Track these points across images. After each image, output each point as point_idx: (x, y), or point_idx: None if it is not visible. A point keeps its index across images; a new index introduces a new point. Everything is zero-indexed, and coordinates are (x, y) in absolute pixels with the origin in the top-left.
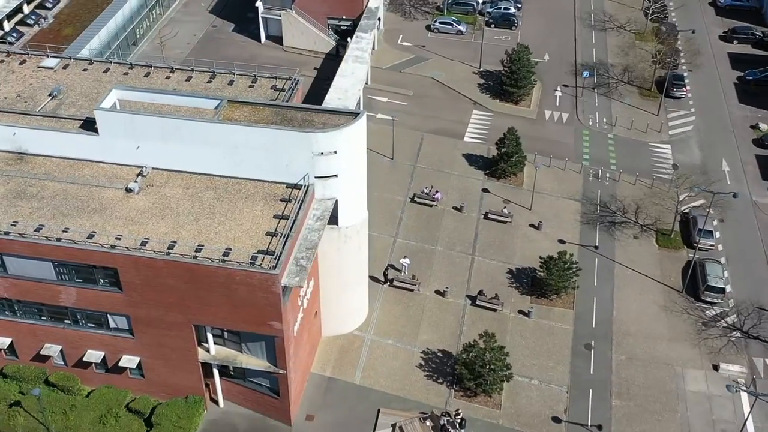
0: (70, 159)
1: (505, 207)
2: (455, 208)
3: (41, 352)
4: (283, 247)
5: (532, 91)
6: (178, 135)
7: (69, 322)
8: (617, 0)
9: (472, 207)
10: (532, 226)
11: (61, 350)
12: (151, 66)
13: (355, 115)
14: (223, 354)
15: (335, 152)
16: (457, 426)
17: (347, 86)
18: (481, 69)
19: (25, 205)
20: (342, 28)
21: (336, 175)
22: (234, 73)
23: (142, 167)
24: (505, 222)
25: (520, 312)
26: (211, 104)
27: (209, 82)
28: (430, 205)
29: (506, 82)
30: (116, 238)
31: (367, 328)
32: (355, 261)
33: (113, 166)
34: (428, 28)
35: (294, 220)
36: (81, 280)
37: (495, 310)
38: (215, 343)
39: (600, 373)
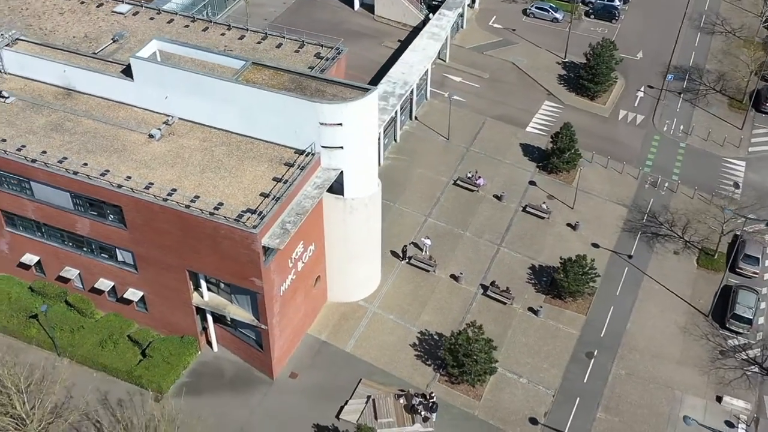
0: (110, 100)
1: (544, 202)
2: (496, 197)
3: (62, 274)
4: (271, 209)
5: (612, 89)
6: (201, 90)
7: (86, 250)
8: (736, 3)
9: (513, 197)
10: (569, 225)
11: (79, 274)
12: (210, 21)
13: (365, 90)
14: (215, 301)
15: (340, 124)
16: (428, 409)
17: (414, 61)
18: (565, 59)
19: (58, 138)
20: (434, 2)
21: (342, 147)
22: (284, 37)
23: (169, 116)
24: (542, 217)
25: (530, 309)
26: (237, 64)
27: (259, 42)
28: (472, 190)
29: (583, 77)
30: (125, 179)
31: (373, 300)
32: (363, 234)
33: (145, 111)
34: (524, 12)
35: (290, 185)
36: (94, 213)
37: (504, 303)
38: (209, 290)
39: (593, 384)
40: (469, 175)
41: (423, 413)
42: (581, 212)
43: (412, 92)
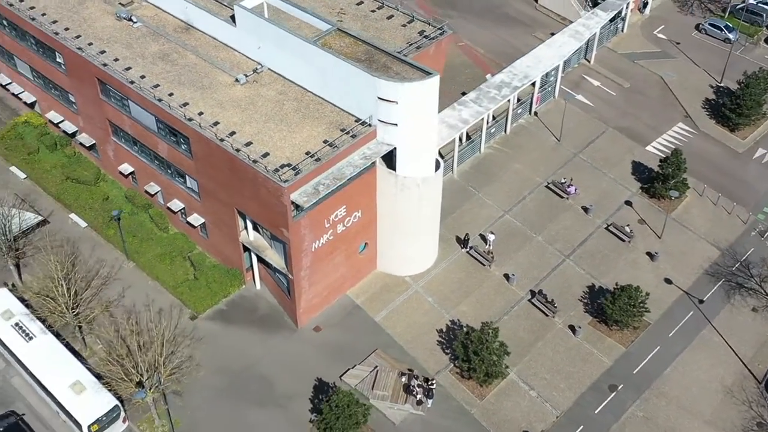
0: (217, 41)
1: (628, 224)
2: (583, 208)
3: (147, 189)
4: (307, 168)
5: (760, 124)
6: (285, 45)
7: (166, 171)
8: None
9: (601, 213)
10: (648, 254)
11: (161, 192)
12: None
13: (428, 74)
14: (258, 243)
15: (396, 102)
16: (425, 394)
17: (545, 57)
18: (720, 84)
19: (161, 66)
20: (600, 1)
21: (396, 124)
22: (397, 9)
23: (260, 65)
24: (623, 240)
25: (570, 327)
26: (325, 27)
27: (374, 11)
28: (561, 197)
29: (726, 105)
30: (198, 114)
31: (419, 279)
32: (413, 213)
33: (242, 57)
34: (697, 27)
35: (335, 150)
36: (172, 139)
37: (546, 315)
38: (255, 230)
39: (604, 416)
40: (563, 180)
41: (418, 396)
42: (667, 244)
43: (534, 87)
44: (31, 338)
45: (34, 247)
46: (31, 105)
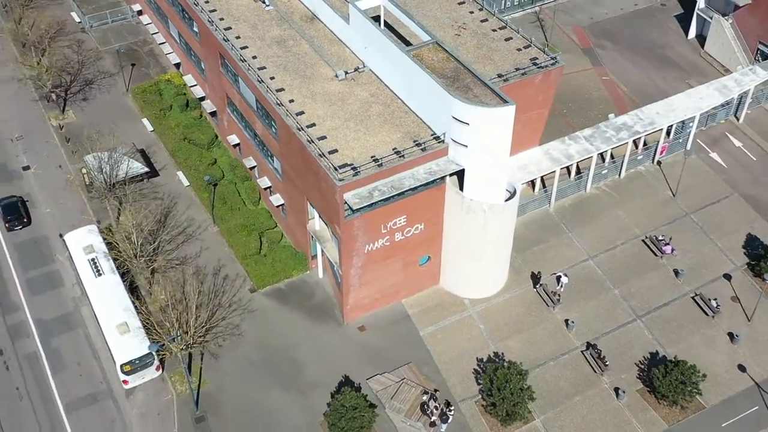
0: (334, 35)
1: (716, 298)
2: (675, 271)
3: (245, 161)
4: (366, 171)
5: None
6: (383, 50)
7: (262, 149)
8: None
9: (692, 280)
10: (729, 334)
11: (257, 167)
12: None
13: (505, 102)
14: (322, 233)
15: (467, 124)
16: (440, 416)
17: (680, 107)
18: None
19: (275, 50)
20: None
21: (466, 146)
22: (518, 31)
23: (363, 65)
24: (706, 314)
25: (616, 389)
26: (426, 39)
27: (494, 30)
28: (655, 255)
29: None
30: (289, 101)
31: (477, 304)
32: (477, 238)
33: (351, 54)
34: None
35: (401, 159)
36: (266, 120)
37: (594, 371)
38: (321, 220)
39: None
40: (660, 238)
41: (433, 418)
42: (755, 329)
43: (662, 135)
44: (100, 275)
45: (140, 194)
46: (177, 65)
